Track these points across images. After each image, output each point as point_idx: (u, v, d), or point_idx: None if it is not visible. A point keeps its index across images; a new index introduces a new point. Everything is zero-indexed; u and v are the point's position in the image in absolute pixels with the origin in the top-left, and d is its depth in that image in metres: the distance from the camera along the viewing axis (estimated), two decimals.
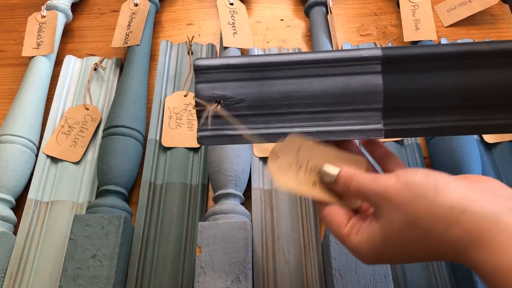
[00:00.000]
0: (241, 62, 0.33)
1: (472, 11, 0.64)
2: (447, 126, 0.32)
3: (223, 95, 0.33)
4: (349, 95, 0.32)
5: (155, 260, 0.46)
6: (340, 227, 0.30)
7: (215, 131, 0.33)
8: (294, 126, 0.33)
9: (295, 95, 0.33)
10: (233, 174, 0.46)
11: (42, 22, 0.63)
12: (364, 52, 0.32)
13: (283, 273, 0.44)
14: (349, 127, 0.32)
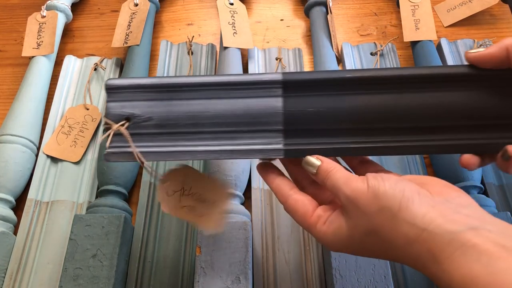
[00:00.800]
0: (150, 83, 0.35)
1: (472, 11, 0.64)
2: (344, 147, 0.34)
3: (132, 113, 0.35)
4: (251, 117, 0.34)
5: (155, 260, 0.46)
6: (305, 217, 0.31)
7: (121, 148, 0.34)
8: (199, 145, 0.34)
9: (200, 115, 0.34)
10: (233, 174, 0.46)
11: (42, 22, 0.63)
12: (265, 76, 0.35)
13: (283, 273, 0.44)
14: (251, 147, 0.34)
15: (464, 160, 0.33)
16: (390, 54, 0.61)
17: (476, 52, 0.32)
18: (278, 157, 0.34)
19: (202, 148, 0.34)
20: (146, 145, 0.34)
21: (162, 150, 0.34)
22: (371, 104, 0.34)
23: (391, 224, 0.26)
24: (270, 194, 0.49)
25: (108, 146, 0.34)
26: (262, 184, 0.50)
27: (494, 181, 0.49)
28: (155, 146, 0.34)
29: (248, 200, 0.49)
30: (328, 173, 0.31)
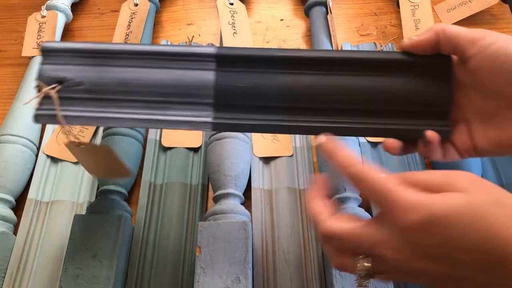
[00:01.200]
0: (84, 48, 0.35)
1: (472, 11, 0.64)
2: (272, 124, 0.34)
3: (64, 77, 0.35)
4: (183, 88, 0.35)
5: (155, 260, 0.46)
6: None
7: (50, 111, 0.34)
8: (129, 113, 0.35)
9: (132, 83, 0.35)
10: (233, 174, 0.46)
11: (42, 22, 0.63)
12: (199, 49, 0.35)
13: (283, 273, 0.44)
14: (180, 118, 0.34)
15: (387, 145, 0.34)
16: None
17: (410, 41, 0.33)
18: (206, 129, 0.34)
19: (131, 116, 0.34)
20: (76, 109, 0.34)
21: (91, 115, 0.34)
22: (300, 83, 0.34)
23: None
24: (270, 194, 0.49)
25: (37, 108, 0.34)
26: (262, 184, 0.50)
27: (494, 181, 0.49)
28: (85, 111, 0.34)
29: (248, 200, 0.49)
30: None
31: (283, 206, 0.48)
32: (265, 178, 0.50)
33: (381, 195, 0.27)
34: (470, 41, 0.31)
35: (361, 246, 0.28)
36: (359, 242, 0.28)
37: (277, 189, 0.50)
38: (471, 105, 0.33)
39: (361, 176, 0.28)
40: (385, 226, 0.27)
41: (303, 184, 0.50)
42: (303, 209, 0.48)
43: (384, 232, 0.27)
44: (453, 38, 0.31)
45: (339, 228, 0.29)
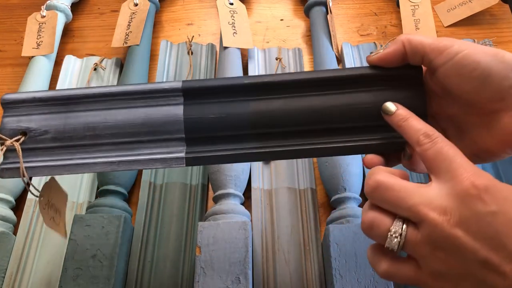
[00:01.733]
0: (46, 96, 0.35)
1: (472, 11, 0.64)
2: (246, 153, 0.34)
3: (28, 127, 0.34)
4: (151, 126, 0.34)
5: (155, 260, 0.46)
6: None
7: (16, 164, 0.34)
8: (98, 157, 0.34)
9: (99, 126, 0.34)
10: (233, 174, 0.46)
11: (42, 22, 0.63)
12: (165, 84, 0.34)
13: (283, 273, 0.44)
14: (152, 156, 0.34)
15: (367, 161, 0.33)
16: None
17: (376, 54, 0.33)
18: (179, 165, 0.34)
19: (101, 160, 0.34)
20: (43, 159, 0.34)
21: (59, 164, 0.34)
22: (270, 108, 0.34)
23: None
24: (270, 194, 0.49)
25: (2, 162, 0.34)
26: (262, 184, 0.50)
27: None
28: (52, 160, 0.34)
29: (248, 200, 0.49)
30: (405, 117, 0.31)
31: (283, 206, 0.48)
32: (265, 178, 0.50)
33: (449, 159, 0.27)
34: (436, 51, 0.30)
35: (407, 202, 0.27)
36: (407, 197, 0.27)
37: (277, 189, 0.50)
38: (444, 114, 0.33)
39: (434, 142, 0.28)
40: (439, 187, 0.27)
41: (303, 184, 0.50)
42: (303, 209, 0.48)
43: (437, 193, 0.27)
44: (419, 48, 0.31)
45: (390, 179, 0.28)
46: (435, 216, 0.26)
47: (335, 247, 0.41)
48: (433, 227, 0.26)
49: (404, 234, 0.27)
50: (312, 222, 0.47)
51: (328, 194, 0.48)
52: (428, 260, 0.27)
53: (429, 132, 0.29)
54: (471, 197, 0.25)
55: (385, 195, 0.28)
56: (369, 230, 0.29)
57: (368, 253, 0.30)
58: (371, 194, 0.29)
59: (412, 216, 0.27)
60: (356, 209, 0.45)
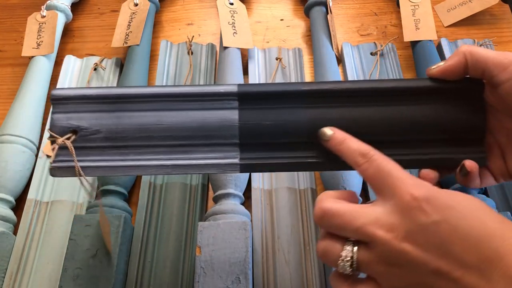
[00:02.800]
0: (98, 94, 0.34)
1: (472, 11, 0.64)
2: (302, 162, 0.33)
3: (78, 125, 0.33)
4: (206, 130, 0.33)
5: (155, 260, 0.46)
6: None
7: (67, 163, 0.33)
8: (151, 159, 0.33)
9: (152, 127, 0.33)
10: (233, 174, 0.46)
11: (42, 22, 0.63)
12: (221, 88, 0.33)
13: (283, 273, 0.44)
14: (206, 161, 0.33)
15: (422, 176, 0.33)
16: (390, 54, 0.61)
17: (437, 67, 0.32)
18: (234, 171, 0.33)
19: (154, 163, 0.33)
20: (94, 159, 0.33)
21: (111, 165, 0.33)
22: (327, 117, 0.33)
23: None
24: (270, 194, 0.49)
25: (53, 160, 0.32)
26: (262, 184, 0.50)
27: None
28: (104, 161, 0.33)
29: (248, 200, 0.49)
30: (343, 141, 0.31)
31: (283, 206, 0.48)
32: (265, 178, 0.50)
33: (387, 174, 0.27)
34: (499, 66, 0.30)
35: (353, 224, 0.27)
36: (353, 219, 0.27)
37: (277, 189, 0.50)
38: (503, 129, 0.33)
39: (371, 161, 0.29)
40: (383, 205, 0.27)
41: (303, 184, 0.50)
42: (303, 209, 0.48)
43: (381, 211, 0.27)
44: (481, 62, 0.30)
45: (334, 205, 0.28)
46: (383, 234, 0.26)
47: None
48: (382, 245, 0.26)
49: (355, 257, 0.27)
50: (312, 222, 0.47)
51: None
52: (385, 277, 0.27)
53: (363, 151, 0.29)
54: (412, 209, 0.26)
55: (332, 221, 0.28)
56: (323, 258, 0.29)
57: (330, 280, 0.30)
58: (319, 222, 0.29)
59: (361, 237, 0.27)
60: None
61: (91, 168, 0.33)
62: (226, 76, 0.55)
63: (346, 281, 0.29)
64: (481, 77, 0.31)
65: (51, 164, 0.33)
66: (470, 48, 0.31)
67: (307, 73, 0.61)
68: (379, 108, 0.33)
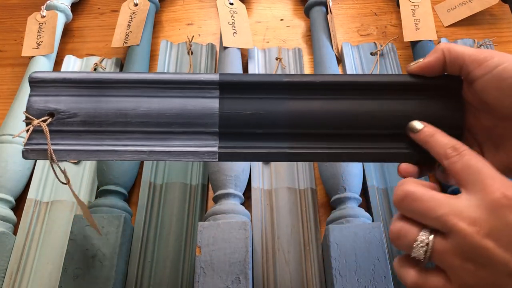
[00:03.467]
0: (78, 78, 0.33)
1: (472, 11, 0.64)
2: (280, 152, 0.33)
3: (56, 108, 0.33)
4: (186, 117, 0.33)
5: (155, 260, 0.46)
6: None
7: (41, 146, 0.33)
8: (127, 145, 0.33)
9: (131, 113, 0.33)
10: (233, 174, 0.46)
11: (42, 22, 0.63)
12: (203, 76, 0.34)
13: (283, 273, 0.44)
14: (184, 148, 0.33)
15: (402, 169, 0.33)
16: (390, 54, 0.61)
17: (416, 64, 0.33)
18: (212, 160, 0.33)
19: (130, 148, 0.33)
20: (69, 143, 0.33)
21: (87, 149, 0.33)
22: (308, 109, 0.33)
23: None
24: (270, 194, 0.49)
25: (26, 142, 0.32)
26: (262, 184, 0.50)
27: None
28: (79, 145, 0.33)
29: (248, 200, 0.49)
30: (433, 133, 0.31)
31: (283, 206, 0.48)
32: (265, 178, 0.50)
33: (477, 171, 0.27)
34: (476, 62, 0.30)
35: (436, 212, 0.27)
36: (436, 207, 0.27)
37: (277, 189, 0.50)
38: (481, 127, 0.33)
39: (462, 155, 0.28)
40: (469, 199, 0.27)
41: (303, 184, 0.50)
42: (303, 209, 0.48)
43: (467, 204, 0.26)
44: (459, 59, 0.31)
45: (418, 189, 0.28)
46: (465, 226, 0.26)
47: (335, 247, 0.41)
48: (462, 238, 0.26)
49: (431, 244, 0.27)
50: (312, 222, 0.47)
51: (328, 194, 0.48)
52: (457, 271, 0.26)
53: (456, 145, 0.29)
54: (502, 207, 0.25)
55: (413, 205, 0.28)
56: (396, 240, 0.29)
57: (394, 264, 0.30)
58: (399, 204, 0.29)
59: (440, 226, 0.27)
60: (356, 209, 0.45)
61: (65, 152, 0.33)
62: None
63: (413, 267, 0.29)
64: (459, 73, 0.32)
65: (25, 147, 0.33)
66: (448, 45, 0.31)
67: (307, 73, 0.61)
68: (358, 101, 0.33)
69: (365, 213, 0.45)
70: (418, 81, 0.33)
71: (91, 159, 0.33)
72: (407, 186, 0.28)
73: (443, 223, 0.26)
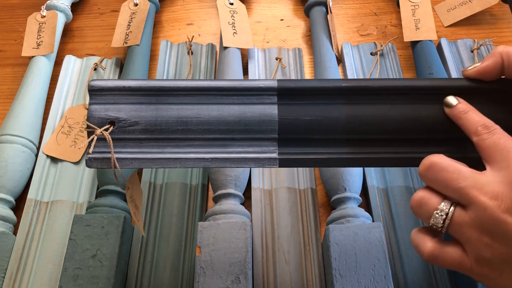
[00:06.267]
0: (138, 85, 0.33)
1: (472, 11, 0.64)
2: (339, 158, 0.33)
3: (117, 117, 0.33)
4: (245, 124, 0.33)
5: (155, 260, 0.46)
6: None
7: (103, 154, 0.33)
8: (189, 152, 0.33)
9: (191, 120, 0.33)
10: (233, 174, 0.46)
11: (42, 22, 0.63)
12: (260, 82, 0.34)
13: (283, 273, 0.44)
14: (244, 155, 0.33)
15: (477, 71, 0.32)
16: (390, 54, 0.61)
17: (474, 68, 0.32)
18: (272, 166, 0.33)
19: (192, 156, 0.33)
20: (131, 151, 0.33)
21: (150, 157, 0.33)
22: (366, 114, 0.33)
23: None
24: (270, 194, 0.49)
25: (92, 151, 0.32)
26: (262, 184, 0.50)
27: None
28: (141, 153, 0.33)
29: (248, 200, 0.49)
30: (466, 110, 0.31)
31: (283, 206, 0.48)
32: (265, 178, 0.50)
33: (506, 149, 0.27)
34: None
35: (459, 183, 0.27)
36: (459, 178, 0.27)
37: (277, 189, 0.50)
38: None
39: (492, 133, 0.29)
40: (493, 175, 0.27)
41: (303, 184, 0.50)
42: (303, 209, 0.48)
43: (490, 179, 0.27)
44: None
45: (445, 160, 0.29)
46: (486, 200, 0.26)
47: (335, 247, 0.41)
48: (482, 211, 0.26)
49: (450, 214, 0.27)
50: (312, 222, 0.47)
51: (328, 194, 0.48)
52: (474, 244, 0.27)
53: (487, 124, 0.29)
54: None
55: (438, 175, 0.28)
56: (417, 208, 0.29)
57: (412, 235, 0.30)
58: (423, 173, 0.29)
59: (462, 198, 0.27)
60: (356, 209, 0.45)
61: (128, 160, 0.33)
62: (226, 76, 0.55)
63: (431, 237, 0.29)
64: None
65: (88, 155, 0.32)
66: (506, 49, 0.31)
67: (307, 73, 0.61)
68: (416, 106, 0.33)
69: (365, 213, 0.45)
70: (475, 85, 0.33)
71: (154, 167, 0.33)
72: (434, 157, 0.29)
73: (465, 195, 0.27)
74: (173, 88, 0.33)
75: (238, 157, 0.33)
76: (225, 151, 0.33)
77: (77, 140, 0.54)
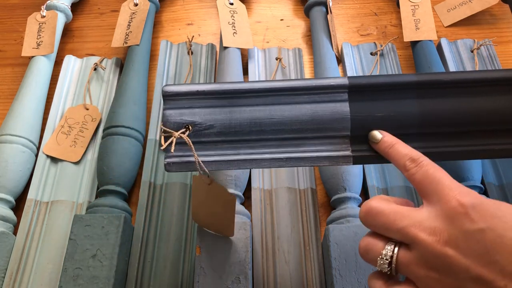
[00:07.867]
0: (211, 89, 0.34)
1: (472, 11, 0.64)
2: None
3: (192, 121, 0.33)
4: (318, 123, 0.33)
5: (155, 260, 0.46)
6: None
7: (181, 158, 0.33)
8: (263, 152, 0.33)
9: (264, 121, 0.33)
10: (233, 174, 0.46)
11: (42, 22, 0.63)
12: (332, 80, 0.34)
13: (283, 273, 0.44)
14: (318, 154, 0.33)
15: None
16: (390, 54, 0.61)
17: None
18: (347, 164, 0.33)
19: (267, 156, 0.33)
20: (208, 153, 0.33)
21: (226, 159, 0.33)
22: (439, 108, 0.33)
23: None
24: (270, 194, 0.49)
25: (172, 155, 0.33)
26: (262, 184, 0.50)
27: (494, 181, 0.49)
28: (218, 155, 0.33)
29: (248, 200, 0.49)
30: (392, 144, 0.31)
31: (283, 206, 0.48)
32: (265, 178, 0.50)
33: (436, 181, 0.28)
34: None
35: (397, 224, 0.28)
36: (397, 220, 0.28)
37: (277, 189, 0.50)
38: None
39: (420, 166, 0.29)
40: (428, 209, 0.27)
41: (303, 184, 0.50)
42: (303, 209, 0.48)
43: (426, 215, 0.27)
44: None
45: (381, 205, 0.29)
46: (425, 236, 0.26)
47: (335, 247, 0.41)
48: (424, 247, 0.26)
49: (395, 257, 0.28)
50: (312, 222, 0.47)
51: (328, 194, 0.48)
52: (424, 281, 0.27)
53: (414, 156, 0.30)
54: (458, 215, 0.26)
55: (376, 219, 0.29)
56: (365, 255, 0.30)
57: (368, 280, 0.31)
58: (363, 220, 0.30)
59: (403, 238, 0.27)
60: (356, 209, 0.45)
61: (206, 163, 0.33)
62: (226, 76, 0.55)
63: (383, 281, 0.29)
64: None
65: (166, 160, 0.33)
66: None
67: (307, 73, 0.61)
68: (490, 98, 0.33)
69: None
70: None
71: (230, 169, 0.33)
72: (370, 202, 0.29)
73: (405, 234, 0.27)
74: (246, 91, 0.34)
75: (311, 156, 0.33)
76: (298, 150, 0.33)
77: (77, 140, 0.54)
